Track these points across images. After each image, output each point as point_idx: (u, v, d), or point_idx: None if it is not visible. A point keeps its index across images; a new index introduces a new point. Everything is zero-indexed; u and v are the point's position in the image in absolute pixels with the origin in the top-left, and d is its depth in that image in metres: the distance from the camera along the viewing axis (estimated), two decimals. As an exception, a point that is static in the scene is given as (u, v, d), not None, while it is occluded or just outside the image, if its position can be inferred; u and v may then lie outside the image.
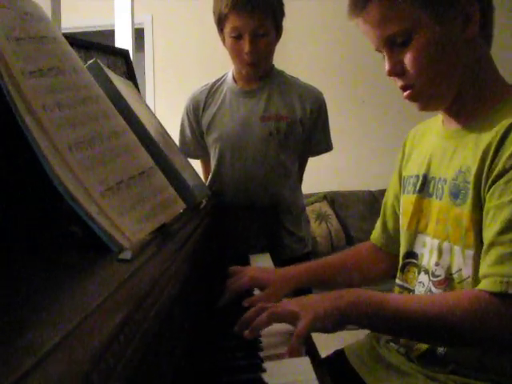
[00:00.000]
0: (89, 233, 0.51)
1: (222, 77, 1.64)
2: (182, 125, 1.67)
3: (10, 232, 0.51)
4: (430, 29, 0.85)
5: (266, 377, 0.65)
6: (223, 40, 1.53)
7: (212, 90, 1.61)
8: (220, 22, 1.48)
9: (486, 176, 0.81)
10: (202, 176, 1.71)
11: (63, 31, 1.08)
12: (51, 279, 0.44)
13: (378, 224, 1.17)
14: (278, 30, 1.51)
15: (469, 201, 0.83)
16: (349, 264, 1.13)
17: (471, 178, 0.83)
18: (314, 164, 1.80)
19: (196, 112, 1.62)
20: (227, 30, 1.47)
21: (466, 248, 0.84)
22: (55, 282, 0.43)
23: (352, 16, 0.90)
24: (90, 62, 0.91)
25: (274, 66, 1.61)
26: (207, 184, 1.62)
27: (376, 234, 1.17)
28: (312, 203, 3.76)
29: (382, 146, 4.10)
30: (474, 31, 0.85)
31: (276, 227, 1.53)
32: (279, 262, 1.33)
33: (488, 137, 0.83)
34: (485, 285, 0.76)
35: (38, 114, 0.50)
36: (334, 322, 0.76)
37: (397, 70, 0.89)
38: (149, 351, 0.46)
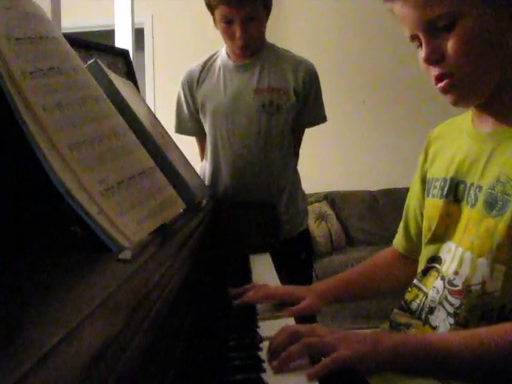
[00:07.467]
0: (89, 233, 0.51)
1: (216, 53, 1.67)
2: (178, 101, 1.70)
3: (10, 232, 0.51)
4: (480, 13, 0.77)
5: (266, 377, 0.65)
6: (215, 23, 1.55)
7: (206, 66, 1.64)
8: (210, 9, 1.52)
9: None
10: (198, 154, 1.77)
11: (63, 31, 1.08)
12: (51, 279, 0.44)
13: (400, 229, 1.12)
14: (268, 8, 1.54)
15: (508, 214, 0.77)
16: (375, 273, 1.10)
17: None
18: (314, 164, 1.80)
19: (190, 86, 1.65)
20: (218, 16, 1.50)
21: (495, 263, 0.79)
22: (55, 282, 0.43)
23: None
24: (90, 61, 0.91)
25: (265, 39, 1.63)
26: (205, 160, 1.67)
27: (398, 239, 1.12)
28: (312, 203, 3.75)
29: (382, 146, 4.10)
30: None
31: (274, 223, 1.53)
32: (276, 245, 1.33)
33: None
34: None
35: (38, 114, 0.50)
36: (369, 366, 0.70)
37: (435, 57, 0.82)
38: (149, 351, 0.46)
